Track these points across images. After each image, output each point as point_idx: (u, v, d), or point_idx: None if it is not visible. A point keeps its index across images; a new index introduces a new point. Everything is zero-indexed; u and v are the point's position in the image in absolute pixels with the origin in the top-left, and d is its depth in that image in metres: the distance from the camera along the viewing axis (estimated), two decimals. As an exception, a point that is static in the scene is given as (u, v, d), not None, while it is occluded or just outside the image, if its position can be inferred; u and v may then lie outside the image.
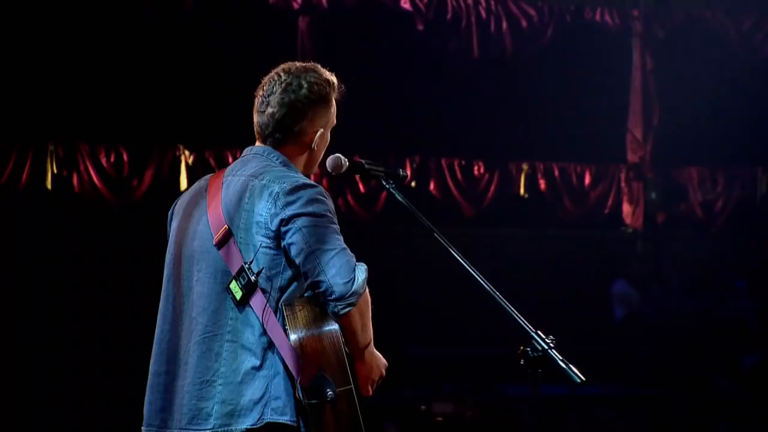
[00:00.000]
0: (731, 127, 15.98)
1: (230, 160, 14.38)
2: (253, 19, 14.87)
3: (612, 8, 15.99)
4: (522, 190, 15.76)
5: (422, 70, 15.54)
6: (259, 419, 4.43)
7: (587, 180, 15.98)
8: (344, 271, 4.41)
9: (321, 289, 4.42)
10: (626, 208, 16.03)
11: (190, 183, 13.92)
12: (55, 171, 13.78)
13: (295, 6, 14.69)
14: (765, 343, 15.45)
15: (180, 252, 4.72)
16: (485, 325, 12.05)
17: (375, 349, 4.73)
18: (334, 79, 4.84)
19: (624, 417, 13.10)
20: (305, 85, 4.70)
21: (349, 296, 4.40)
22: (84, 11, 13.75)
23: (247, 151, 4.86)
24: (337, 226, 4.54)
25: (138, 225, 13.84)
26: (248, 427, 4.44)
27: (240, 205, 4.56)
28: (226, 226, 4.54)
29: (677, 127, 16.16)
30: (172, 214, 4.91)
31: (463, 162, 15.48)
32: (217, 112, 14.44)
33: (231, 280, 4.49)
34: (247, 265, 4.46)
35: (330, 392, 4.41)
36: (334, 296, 4.40)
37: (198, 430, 4.49)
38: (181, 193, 5.02)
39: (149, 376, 4.71)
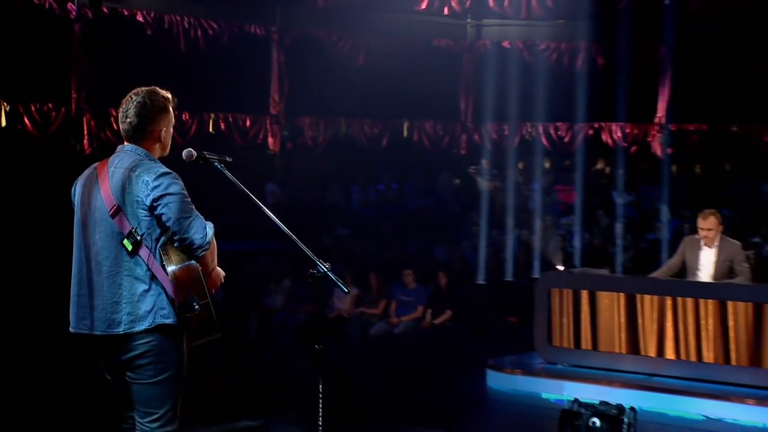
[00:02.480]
0: (331, 90, 16.37)
1: (32, 109, 14.34)
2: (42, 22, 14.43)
3: (260, 24, 16.40)
4: (211, 129, 16.03)
5: (153, 57, 15.06)
6: (152, 322, 4.23)
7: (248, 123, 16.43)
8: (200, 230, 4.25)
9: (186, 243, 4.25)
10: (270, 140, 16.63)
11: (8, 122, 14.15)
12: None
13: (72, 16, 14.67)
14: (350, 220, 16.08)
15: (85, 217, 4.38)
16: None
17: (218, 269, 4.51)
18: (169, 95, 4.48)
19: (278, 264, 13.12)
20: (149, 102, 4.37)
21: (205, 246, 4.27)
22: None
23: (120, 148, 4.44)
24: (189, 198, 4.30)
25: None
26: (146, 327, 4.23)
27: (124, 189, 4.25)
28: (116, 203, 4.25)
29: (301, 93, 16.63)
30: (74, 191, 4.49)
31: (185, 115, 15.50)
32: (26, 78, 14.15)
33: (124, 238, 4.24)
34: (133, 229, 4.23)
35: (196, 305, 4.25)
36: (194, 246, 4.25)
37: (114, 332, 4.26)
38: (78, 176, 4.53)
39: (72, 297, 4.41)
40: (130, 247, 4.24)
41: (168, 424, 4.31)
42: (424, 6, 17.28)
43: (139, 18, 15.34)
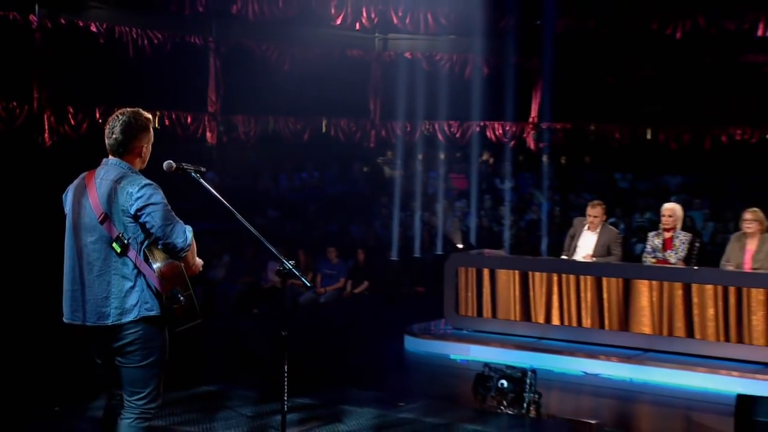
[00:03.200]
0: (260, 92, 16.14)
1: (-1, 107, 13.82)
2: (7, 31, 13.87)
3: (199, 35, 16.01)
4: (156, 124, 15.22)
5: (105, 63, 14.69)
6: (137, 315, 4.09)
7: (189, 120, 16.00)
8: (181, 235, 4.10)
9: (169, 247, 4.09)
10: (209, 134, 16.21)
11: None
12: None
13: (34, 26, 14.20)
14: (279, 203, 15.79)
15: (76, 223, 4.19)
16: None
17: (197, 259, 4.32)
18: (149, 115, 4.32)
19: (219, 241, 12.70)
20: (133, 121, 4.18)
21: (186, 248, 4.13)
22: None
23: (105, 161, 4.24)
24: (168, 206, 4.12)
25: None
26: (132, 319, 4.09)
27: (110, 199, 4.09)
28: (104, 211, 4.08)
29: (235, 94, 16.29)
30: (66, 198, 4.29)
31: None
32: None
33: (112, 242, 4.07)
34: (121, 234, 4.06)
35: (181, 297, 4.12)
36: (177, 249, 4.10)
37: (104, 323, 4.11)
38: (68, 185, 4.32)
39: (65, 292, 4.23)
40: (119, 250, 4.08)
41: (152, 402, 4.22)
42: (338, 22, 17.11)
43: (93, 28, 14.89)
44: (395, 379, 8.35)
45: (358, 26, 17.38)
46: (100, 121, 14.74)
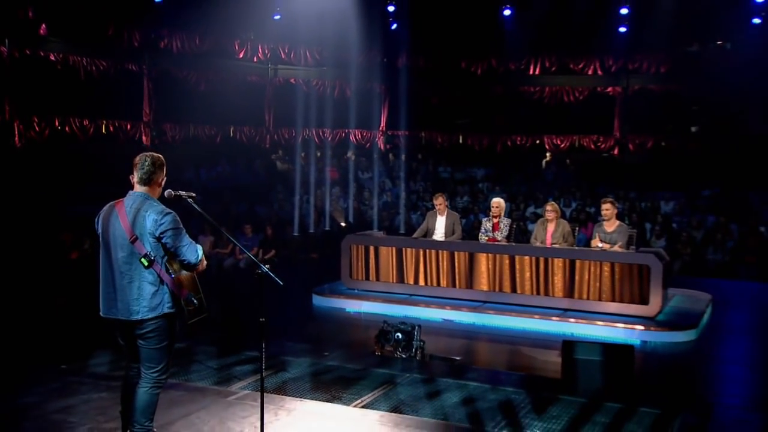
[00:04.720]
0: (183, 106, 15.10)
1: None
2: None
3: (135, 63, 14.64)
4: (104, 130, 14.17)
5: (61, 84, 13.36)
6: (160, 312, 3.87)
7: (129, 127, 14.66)
8: (193, 253, 3.88)
9: (184, 263, 3.88)
10: (144, 138, 14.82)
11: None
12: None
13: (4, 56, 12.67)
14: (201, 190, 14.92)
15: (107, 241, 3.91)
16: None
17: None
18: (162, 158, 4.04)
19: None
20: (157, 161, 3.97)
21: (197, 263, 3.92)
22: None
23: (130, 193, 3.95)
24: (184, 230, 3.89)
25: None
26: (156, 315, 3.87)
27: (137, 223, 3.83)
28: (134, 234, 3.83)
29: (164, 108, 15.05)
30: (98, 220, 3.99)
31: (85, 121, 13.83)
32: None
33: (141, 257, 3.81)
34: (148, 252, 3.81)
35: (194, 300, 3.91)
36: (191, 264, 3.89)
37: (133, 318, 3.87)
38: (100, 210, 3.99)
39: (101, 294, 3.96)
40: (146, 264, 3.85)
41: (164, 374, 4.05)
42: (241, 55, 16.37)
43: (52, 58, 13.45)
44: (312, 329, 8.11)
45: (255, 59, 16.69)
46: (59, 128, 13.64)
